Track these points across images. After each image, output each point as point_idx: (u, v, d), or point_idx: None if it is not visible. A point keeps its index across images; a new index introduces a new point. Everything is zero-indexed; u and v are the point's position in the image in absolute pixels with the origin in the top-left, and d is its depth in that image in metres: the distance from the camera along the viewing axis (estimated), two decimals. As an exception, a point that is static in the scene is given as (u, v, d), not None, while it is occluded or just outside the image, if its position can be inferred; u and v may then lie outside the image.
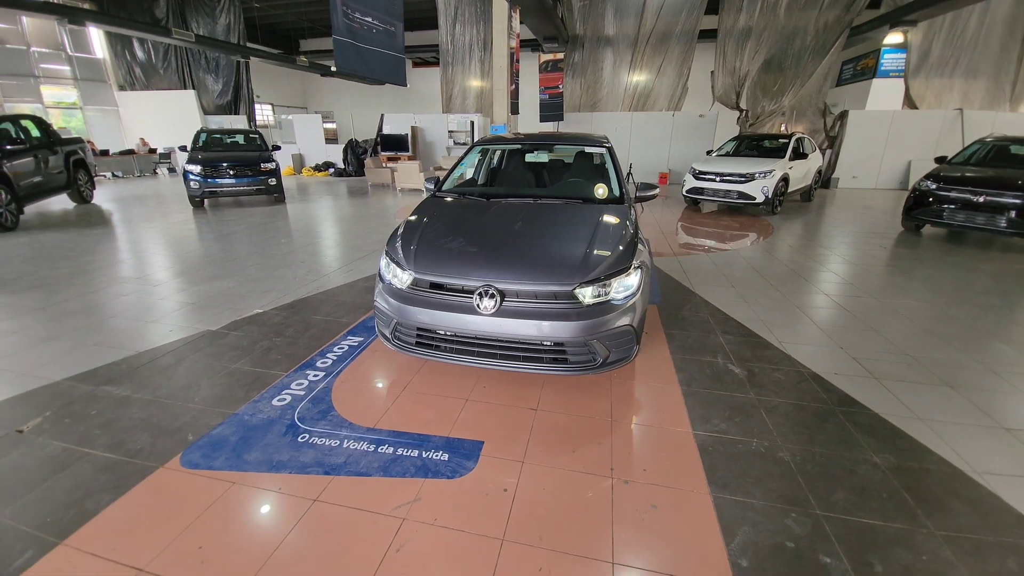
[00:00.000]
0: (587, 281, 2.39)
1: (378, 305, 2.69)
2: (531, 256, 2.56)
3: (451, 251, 2.65)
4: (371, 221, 7.94)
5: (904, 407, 2.62)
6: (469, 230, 2.87)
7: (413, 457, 2.16)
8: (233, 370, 2.92)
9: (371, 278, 4.75)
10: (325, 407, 2.54)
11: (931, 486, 2.05)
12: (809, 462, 2.17)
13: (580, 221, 2.91)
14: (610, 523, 1.82)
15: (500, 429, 2.38)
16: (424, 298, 2.50)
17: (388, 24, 5.79)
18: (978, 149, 7.55)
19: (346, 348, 3.22)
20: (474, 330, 2.40)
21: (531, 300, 2.39)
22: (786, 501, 1.94)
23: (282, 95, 21.64)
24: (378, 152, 14.13)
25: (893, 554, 1.72)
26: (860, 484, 2.04)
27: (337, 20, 4.97)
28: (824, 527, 1.82)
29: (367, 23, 5.28)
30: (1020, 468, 2.15)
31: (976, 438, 2.36)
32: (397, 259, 2.67)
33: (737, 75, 13.04)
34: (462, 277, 2.45)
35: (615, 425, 2.42)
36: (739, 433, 2.37)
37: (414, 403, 2.60)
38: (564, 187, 3.65)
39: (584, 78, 13.98)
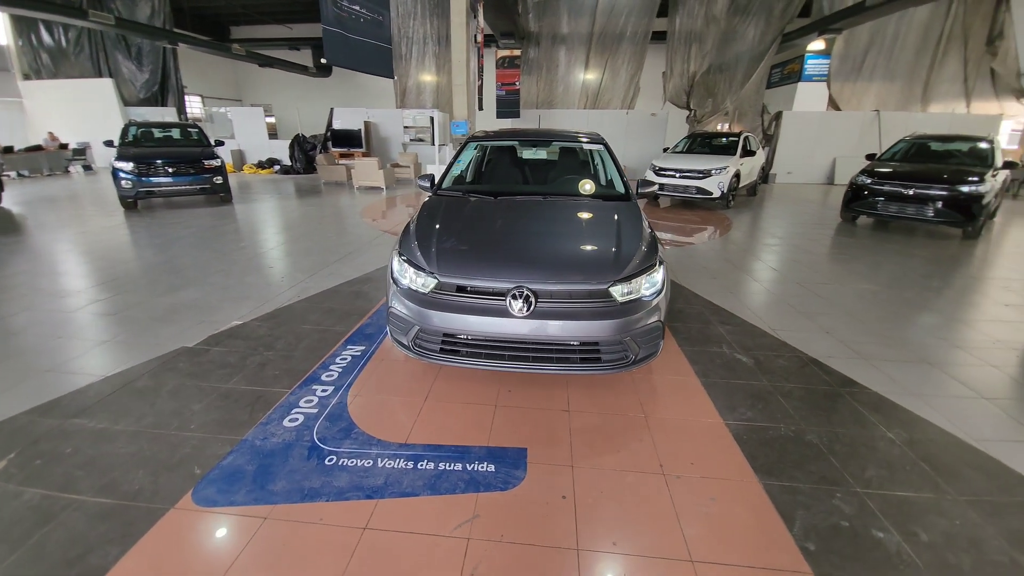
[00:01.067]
0: (620, 279, 2.37)
1: (395, 311, 2.52)
2: (562, 255, 2.50)
3: (475, 252, 2.54)
4: (336, 221, 7.51)
5: (896, 384, 2.84)
6: (489, 230, 2.76)
7: (458, 471, 2.04)
8: (227, 391, 2.63)
9: (356, 282, 4.48)
10: (345, 424, 2.35)
11: (941, 456, 2.23)
12: (835, 442, 2.30)
13: (598, 219, 2.89)
14: (676, 520, 1.82)
15: (539, 434, 2.31)
16: (450, 302, 2.37)
17: (376, 13, 5.48)
18: (903, 146, 8.41)
19: (349, 359, 3.00)
20: (507, 333, 2.31)
21: (564, 300, 2.33)
22: (827, 482, 2.04)
23: (213, 86, 19.96)
24: (329, 148, 13.42)
25: (931, 522, 1.85)
26: (884, 460, 2.19)
27: (327, 9, 4.62)
28: (868, 504, 1.93)
29: (355, 11, 4.97)
30: (1008, 434, 2.40)
31: (964, 408, 2.61)
32: (415, 262, 2.51)
33: (686, 76, 13.66)
34: (492, 279, 2.35)
35: (649, 421, 2.43)
36: (765, 420, 2.46)
37: (441, 413, 2.46)
38: (568, 184, 3.62)
39: (540, 75, 14.07)
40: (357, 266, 4.98)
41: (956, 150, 7.95)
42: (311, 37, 19.14)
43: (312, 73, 20.26)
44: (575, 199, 3.22)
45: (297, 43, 19.41)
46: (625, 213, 2.95)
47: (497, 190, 3.37)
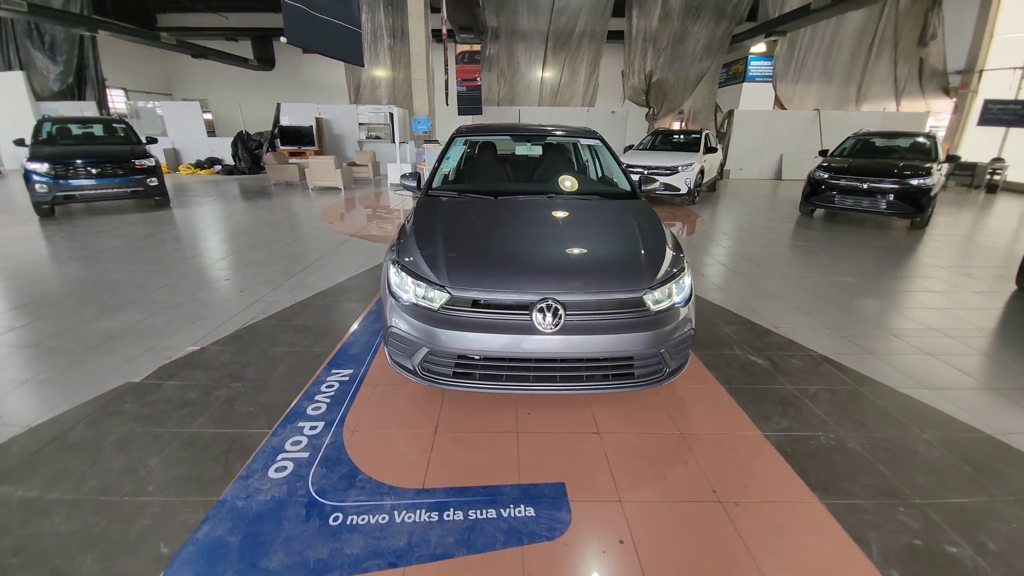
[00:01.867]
0: (653, 286, 2.15)
1: (397, 330, 2.17)
2: (588, 262, 2.25)
3: (491, 261, 2.23)
4: (294, 225, 6.88)
5: (910, 378, 2.82)
6: (501, 235, 2.46)
7: (493, 520, 1.74)
8: (191, 437, 2.17)
9: (328, 294, 4.02)
10: (346, 469, 1.98)
11: (977, 455, 2.18)
12: (877, 449, 2.20)
13: (616, 220, 2.66)
14: (750, 555, 1.62)
15: (574, 464, 2.05)
16: (466, 319, 2.06)
17: (344, -10, 4.94)
18: (851, 143, 8.87)
19: (337, 385, 2.61)
20: (532, 352, 2.03)
21: (595, 312, 2.09)
22: (886, 495, 1.92)
23: (138, 79, 18.12)
24: (277, 146, 12.49)
25: (993, 528, 1.77)
26: (929, 464, 2.11)
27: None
28: (931, 515, 1.82)
29: (320, -16, 4.44)
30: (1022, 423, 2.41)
31: (977, 400, 2.61)
32: (420, 273, 2.17)
33: (643, 75, 13.86)
34: (514, 291, 2.06)
35: (687, 439, 2.23)
36: (802, 428, 2.33)
37: (457, 446, 2.15)
38: (569, 182, 3.37)
39: (500, 71, 13.79)
40: (326, 275, 4.51)
41: (899, 146, 8.47)
42: (250, 27, 17.82)
43: (253, 66, 18.86)
44: (582, 198, 2.98)
45: (235, 33, 17.98)
46: (641, 213, 2.75)
47: (495, 189, 3.07)
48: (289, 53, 19.43)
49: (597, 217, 2.69)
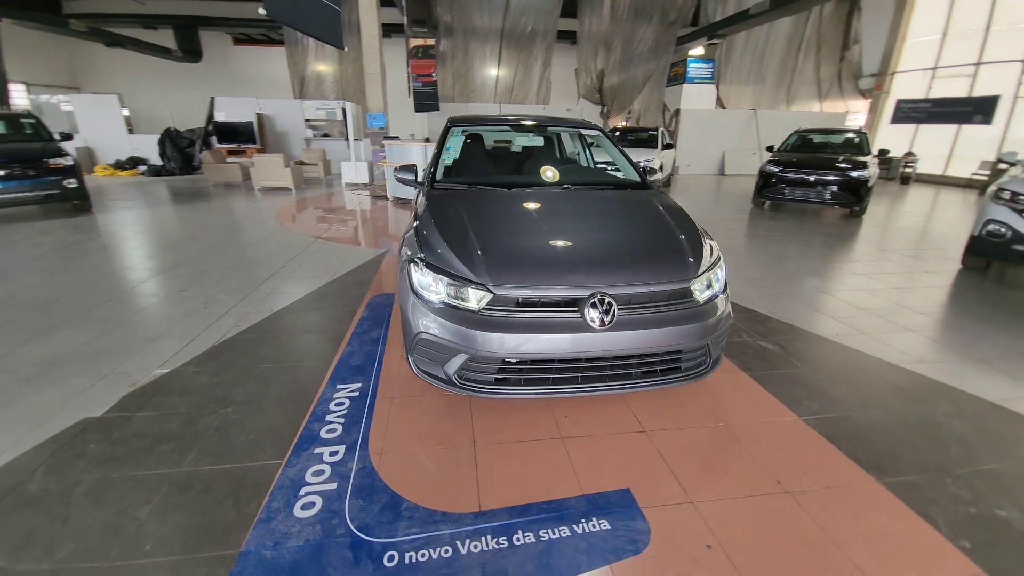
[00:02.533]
0: (699, 275, 2.08)
1: (428, 337, 1.94)
2: (633, 253, 2.14)
3: (531, 255, 2.06)
4: (249, 229, 6.26)
5: (906, 355, 2.97)
6: (533, 228, 2.28)
7: (568, 538, 1.58)
8: (183, 477, 1.82)
9: (308, 301, 3.64)
10: (387, 499, 1.73)
11: (990, 423, 2.30)
12: (906, 425, 2.26)
13: (642, 210, 2.57)
14: (836, 546, 1.57)
15: (631, 467, 1.93)
16: (512, 320, 1.87)
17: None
18: (794, 139, 9.49)
19: (347, 403, 2.32)
20: (585, 351, 1.88)
21: (645, 304, 1.98)
22: (932, 469, 1.96)
23: (40, 72, 15.91)
24: (212, 144, 11.44)
25: (1029, 494, 1.86)
26: (957, 436, 2.19)
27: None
28: (974, 483, 1.88)
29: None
30: (1019, 391, 2.60)
31: (971, 371, 2.79)
32: (455, 272, 1.96)
33: (596, 75, 14.12)
34: (563, 286, 1.90)
35: (732, 430, 2.18)
36: (832, 409, 2.36)
37: (503, 460, 1.96)
38: (578, 172, 3.27)
39: (455, 68, 13.49)
40: (300, 281, 4.10)
41: (834, 141, 9.18)
42: (171, 15, 16.20)
43: (177, 57, 17.17)
44: (598, 189, 2.87)
45: (153, 21, 16.25)
46: (665, 203, 2.68)
47: (507, 181, 2.89)
48: (218, 44, 17.92)
49: (623, 208, 2.59)
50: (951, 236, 6.48)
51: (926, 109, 14.05)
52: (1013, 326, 3.43)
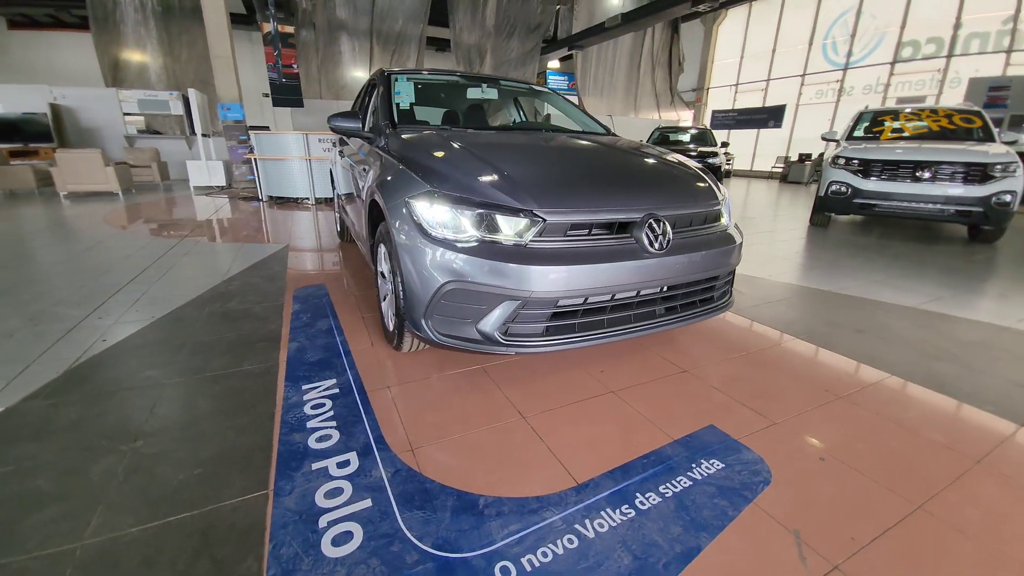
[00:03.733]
0: (724, 200, 2.02)
1: (461, 287, 1.51)
2: (669, 177, 1.96)
3: (571, 179, 1.74)
4: (70, 236, 4.60)
5: (799, 278, 3.40)
6: (553, 156, 1.98)
7: (693, 487, 1.31)
8: (93, 553, 1.08)
9: (207, 300, 2.73)
10: (453, 500, 1.25)
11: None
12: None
13: (643, 149, 2.42)
14: (905, 429, 1.59)
15: (699, 405, 1.75)
16: (568, 250, 1.54)
17: None
18: (656, 135, 10.76)
19: (328, 404, 1.70)
20: (646, 279, 1.65)
21: (688, 228, 1.83)
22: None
23: None
24: (-24, 144, 8.43)
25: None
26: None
27: None
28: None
29: None
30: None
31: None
32: (491, 200, 1.55)
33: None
34: (617, 208, 1.64)
35: (758, 356, 2.16)
36: (798, 327, 2.53)
37: (565, 425, 1.60)
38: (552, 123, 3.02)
39: (320, 62, 12.23)
40: (181, 282, 3.08)
41: (686, 138, 10.66)
42: None
43: None
44: (583, 134, 2.66)
45: None
46: (649, 145, 2.60)
47: (484, 125, 2.51)
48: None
49: (625, 146, 2.41)
50: (789, 208, 7.90)
51: (734, 117, 17.31)
52: (850, 257, 4.21)
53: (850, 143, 5.81)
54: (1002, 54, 11.08)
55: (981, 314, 2.81)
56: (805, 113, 16.04)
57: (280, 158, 6.91)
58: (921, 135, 5.77)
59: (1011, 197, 4.56)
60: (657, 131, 10.86)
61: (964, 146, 5.01)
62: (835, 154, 5.54)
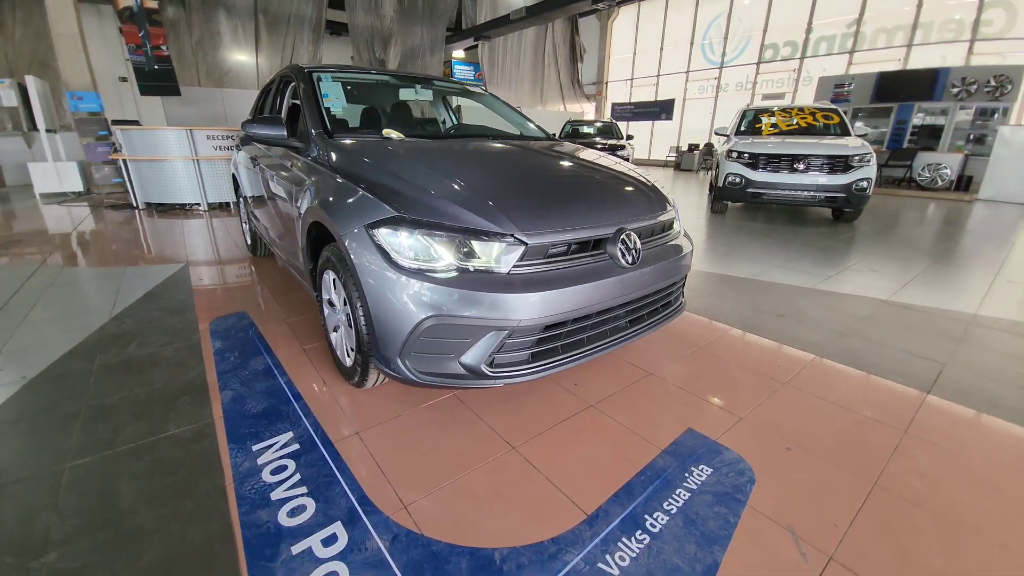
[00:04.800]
0: (674, 206, 2.10)
1: (441, 321, 1.39)
2: (623, 186, 1.97)
3: (542, 196, 1.67)
4: None
5: (704, 264, 3.77)
6: (510, 172, 1.88)
7: (692, 498, 1.36)
8: None
9: (94, 347, 2.23)
10: (467, 560, 1.15)
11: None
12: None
13: (585, 156, 2.41)
14: (843, 407, 1.82)
15: (673, 408, 1.82)
16: (549, 274, 1.49)
17: None
18: (568, 128, 11.09)
19: (292, 465, 1.48)
20: (624, 293, 1.66)
21: (653, 237, 1.88)
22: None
23: None
24: None
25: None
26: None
27: None
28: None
29: None
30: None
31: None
32: (467, 224, 1.44)
33: (374, 65, 13.38)
34: (590, 226, 1.61)
35: (708, 349, 2.32)
36: (719, 310, 2.79)
37: (557, 448, 1.57)
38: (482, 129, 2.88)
39: (194, 42, 10.65)
40: (53, 323, 2.50)
41: (593, 130, 11.14)
42: None
43: None
44: (524, 140, 2.58)
45: None
46: (595, 150, 2.62)
47: (423, 133, 2.34)
48: None
49: (571, 154, 2.38)
50: (689, 196, 8.65)
51: (631, 110, 18.53)
52: (750, 242, 4.78)
53: (738, 138, 6.50)
54: (846, 55, 13.11)
55: (864, 289, 3.31)
56: (691, 107, 17.65)
57: (158, 159, 5.91)
58: (792, 130, 6.65)
59: (867, 183, 5.45)
60: (568, 124, 11.19)
61: (828, 140, 5.87)
62: (729, 148, 6.15)
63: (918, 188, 10.03)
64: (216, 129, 6.01)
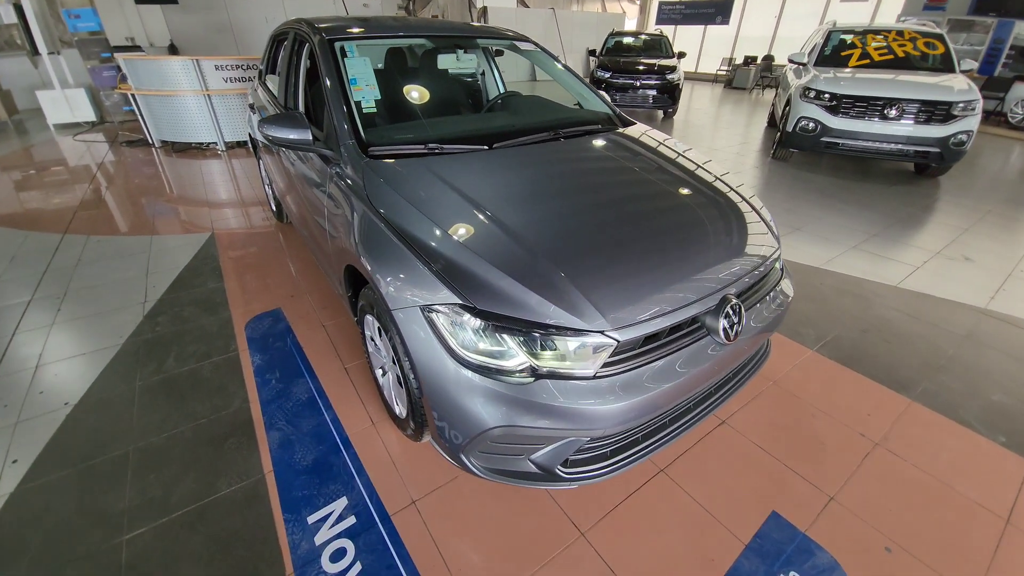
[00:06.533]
0: (776, 235, 1.75)
1: (511, 431, 1.19)
2: (724, 226, 1.62)
3: (629, 262, 1.35)
4: None
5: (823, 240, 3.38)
6: (582, 212, 1.52)
7: (786, 624, 1.25)
8: None
9: (122, 370, 2.15)
10: None
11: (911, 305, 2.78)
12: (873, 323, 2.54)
13: (664, 160, 2.00)
14: (945, 484, 1.63)
15: (752, 477, 1.66)
16: (641, 368, 1.25)
17: None
18: (611, 42, 9.74)
19: (349, 550, 1.41)
20: (719, 373, 1.42)
21: (752, 293, 1.57)
22: (932, 368, 2.24)
23: None
24: None
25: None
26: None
27: None
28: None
29: None
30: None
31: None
32: (545, 319, 1.17)
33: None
34: (694, 297, 1.31)
35: (782, 384, 2.10)
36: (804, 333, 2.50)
37: (627, 534, 1.45)
38: (533, 108, 2.43)
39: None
40: (94, 326, 2.42)
41: (641, 44, 9.76)
42: None
43: None
44: (584, 133, 2.14)
45: None
46: (668, 143, 2.18)
47: (471, 133, 1.95)
48: None
49: (645, 160, 1.97)
50: (743, 129, 7.72)
51: (681, 11, 16.14)
52: (820, 206, 4.24)
53: (818, 69, 5.54)
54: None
55: (958, 289, 2.91)
56: (753, 8, 15.24)
57: (167, 93, 5.44)
58: (887, 62, 5.61)
59: (967, 137, 4.66)
60: (611, 37, 9.80)
61: (930, 80, 4.93)
62: (806, 84, 5.27)
63: (1008, 127, 8.71)
64: (224, 59, 5.41)
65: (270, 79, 2.97)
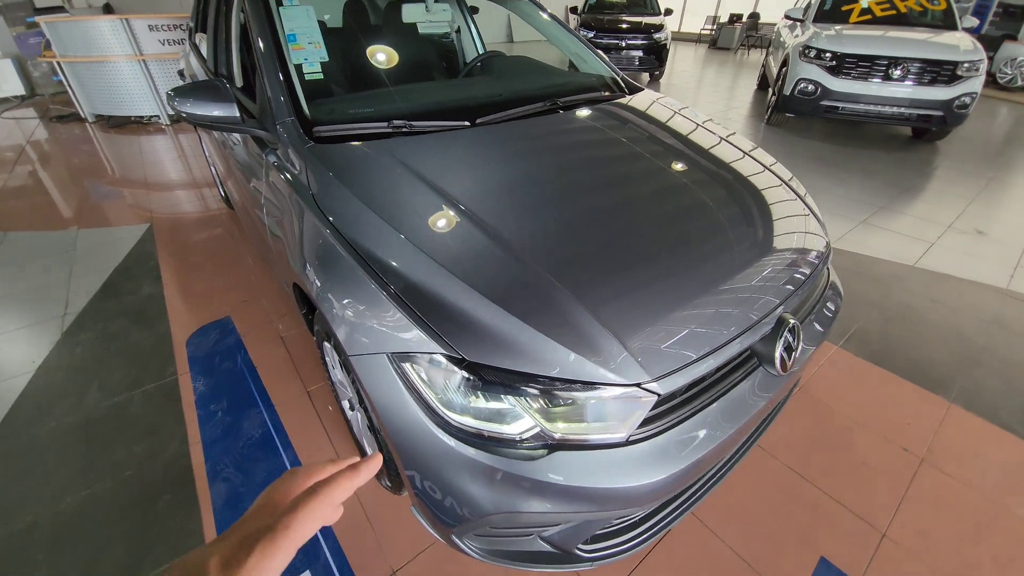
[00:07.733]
0: (822, 222, 1.45)
1: (516, 514, 0.90)
2: (766, 228, 1.30)
3: (664, 289, 1.02)
4: None
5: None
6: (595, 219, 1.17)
7: None
8: None
9: (31, 404, 1.77)
10: None
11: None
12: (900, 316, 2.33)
13: (684, 136, 1.66)
14: (996, 504, 1.43)
15: (795, 516, 1.42)
16: (687, 421, 0.95)
17: None
18: (592, 1, 9.08)
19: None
20: (764, 414, 1.14)
21: (800, 305, 1.28)
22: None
23: None
24: None
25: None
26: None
27: None
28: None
29: None
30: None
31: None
32: (568, 371, 0.85)
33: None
34: (746, 324, 1.01)
35: (814, 394, 1.86)
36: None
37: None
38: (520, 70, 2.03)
39: None
40: (3, 354, 2.01)
41: (626, 1, 9.12)
42: None
43: None
44: (581, 103, 1.77)
45: None
46: (684, 112, 1.84)
47: (446, 106, 1.56)
48: None
49: (660, 136, 1.62)
50: (732, 92, 7.35)
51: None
52: (823, 175, 3.99)
53: (818, 26, 5.17)
54: None
55: (974, 266, 2.72)
56: (739, -39, 14.49)
57: (96, 58, 4.73)
58: (888, 18, 5.27)
59: (971, 99, 4.42)
60: (592, -7, 9.14)
61: (933, 38, 4.62)
62: (805, 42, 4.91)
63: (996, 87, 8.54)
64: (158, 17, 4.71)
65: (200, 38, 2.46)
